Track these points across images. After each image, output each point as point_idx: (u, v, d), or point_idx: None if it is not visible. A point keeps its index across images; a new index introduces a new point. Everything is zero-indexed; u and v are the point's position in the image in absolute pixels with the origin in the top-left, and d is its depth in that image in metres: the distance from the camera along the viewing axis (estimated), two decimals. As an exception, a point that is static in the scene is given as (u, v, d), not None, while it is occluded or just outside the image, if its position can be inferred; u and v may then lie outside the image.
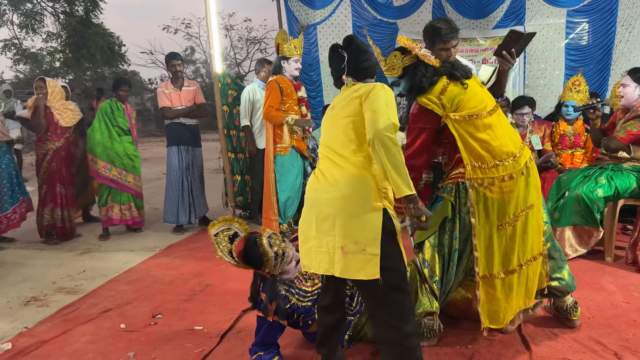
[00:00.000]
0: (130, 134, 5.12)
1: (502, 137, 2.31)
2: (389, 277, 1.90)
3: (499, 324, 2.38)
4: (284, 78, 4.35)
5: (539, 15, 6.33)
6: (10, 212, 4.75)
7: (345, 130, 1.98)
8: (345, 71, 2.07)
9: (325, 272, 1.98)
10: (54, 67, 16.01)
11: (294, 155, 4.39)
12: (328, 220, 1.93)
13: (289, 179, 4.39)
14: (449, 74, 2.31)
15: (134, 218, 5.10)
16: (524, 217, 2.33)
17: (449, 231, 2.38)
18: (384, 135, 1.82)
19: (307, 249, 2.04)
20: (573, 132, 4.65)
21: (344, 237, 1.89)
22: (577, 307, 2.64)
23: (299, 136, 4.41)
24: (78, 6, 12.88)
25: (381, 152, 1.82)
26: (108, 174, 4.93)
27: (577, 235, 3.75)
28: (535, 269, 2.42)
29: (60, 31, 12.83)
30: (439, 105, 2.29)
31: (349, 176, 1.92)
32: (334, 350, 2.22)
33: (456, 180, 2.36)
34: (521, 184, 2.30)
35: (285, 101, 4.30)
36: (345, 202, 1.90)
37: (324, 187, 1.98)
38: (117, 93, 5.07)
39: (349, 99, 2.01)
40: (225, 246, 2.30)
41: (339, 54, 2.08)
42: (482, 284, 2.33)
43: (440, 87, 2.30)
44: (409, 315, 1.97)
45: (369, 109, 1.89)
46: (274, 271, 2.33)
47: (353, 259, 1.87)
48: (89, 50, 12.54)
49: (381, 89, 1.93)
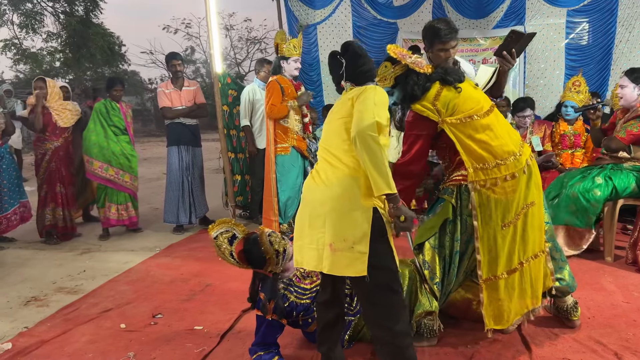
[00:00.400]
0: (127, 134, 5.10)
1: (502, 137, 2.31)
2: (379, 276, 1.91)
3: (503, 325, 2.38)
4: (284, 78, 4.35)
5: (539, 15, 6.33)
6: (10, 213, 4.74)
7: (338, 131, 2.02)
8: (344, 77, 2.11)
9: (314, 269, 2.02)
10: (54, 67, 16.02)
11: (294, 155, 4.39)
12: (319, 218, 1.97)
13: (289, 179, 4.39)
14: (441, 80, 2.31)
15: (131, 218, 5.07)
16: (524, 215, 2.32)
17: (450, 233, 2.39)
18: (365, 134, 1.84)
19: (300, 246, 2.08)
20: (573, 132, 4.65)
21: (333, 234, 1.92)
22: (578, 307, 2.65)
23: (299, 136, 4.42)
24: (78, 6, 12.88)
25: (362, 150, 1.84)
26: (105, 174, 4.91)
27: (568, 236, 3.74)
28: (539, 268, 2.42)
29: (61, 31, 12.84)
30: (434, 111, 2.29)
31: (342, 176, 1.96)
32: (333, 348, 2.22)
33: (458, 183, 2.36)
34: (523, 182, 2.31)
35: (285, 100, 4.31)
36: (336, 201, 1.93)
37: (318, 187, 2.02)
38: (110, 93, 5.04)
39: (343, 102, 2.06)
40: (225, 248, 2.32)
41: (337, 61, 2.12)
42: (485, 287, 2.32)
43: (433, 93, 2.30)
44: (399, 314, 1.98)
45: (357, 110, 1.93)
46: (276, 269, 2.35)
47: (341, 256, 1.90)
48: (89, 50, 12.55)
49: (372, 90, 1.97)
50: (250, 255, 2.31)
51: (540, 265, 2.43)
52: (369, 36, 6.76)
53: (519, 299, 2.38)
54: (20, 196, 4.86)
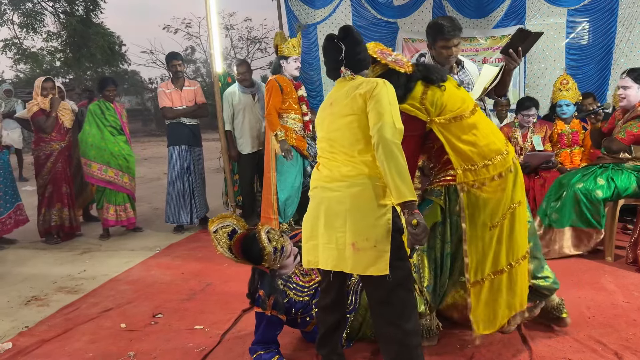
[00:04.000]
0: (124, 133, 5.05)
1: (488, 136, 2.29)
2: (396, 274, 1.91)
3: (492, 329, 2.33)
4: (283, 77, 4.35)
5: (539, 14, 6.32)
6: (5, 217, 4.70)
7: (351, 129, 1.97)
8: (342, 63, 2.04)
9: (333, 268, 1.99)
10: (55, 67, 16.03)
11: (293, 155, 4.39)
12: (339, 217, 1.94)
13: (288, 178, 4.39)
14: (423, 78, 2.23)
15: (129, 219, 5.02)
16: (511, 215, 2.29)
17: (440, 235, 2.36)
18: (390, 142, 1.83)
19: (313, 245, 2.04)
20: (570, 130, 4.67)
21: (355, 233, 1.90)
22: (564, 304, 2.59)
23: (298, 135, 4.41)
24: (78, 6, 12.91)
25: (386, 158, 1.83)
26: (104, 176, 4.85)
27: (577, 237, 3.74)
28: (524, 269, 2.38)
29: (61, 31, 12.86)
30: (423, 110, 2.23)
31: (359, 174, 1.93)
32: (334, 349, 2.22)
33: (447, 183, 2.32)
34: (510, 181, 2.28)
35: (285, 100, 4.31)
36: (356, 200, 1.91)
37: (332, 185, 1.98)
38: (103, 93, 4.97)
39: (351, 97, 1.99)
40: (224, 242, 2.32)
41: (336, 45, 2.04)
42: (472, 290, 2.27)
43: (419, 92, 2.23)
44: (411, 313, 1.98)
45: (374, 109, 1.89)
46: (273, 266, 2.36)
47: (364, 255, 1.89)
48: (89, 49, 12.57)
49: (384, 87, 1.93)
50: (248, 251, 2.31)
51: (526, 267, 2.39)
52: (369, 36, 6.74)
53: (508, 300, 2.33)
54: (16, 199, 4.84)
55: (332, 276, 2.10)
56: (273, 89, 4.28)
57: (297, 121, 4.41)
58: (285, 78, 4.36)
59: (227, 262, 3.91)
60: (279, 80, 4.31)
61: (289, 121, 4.37)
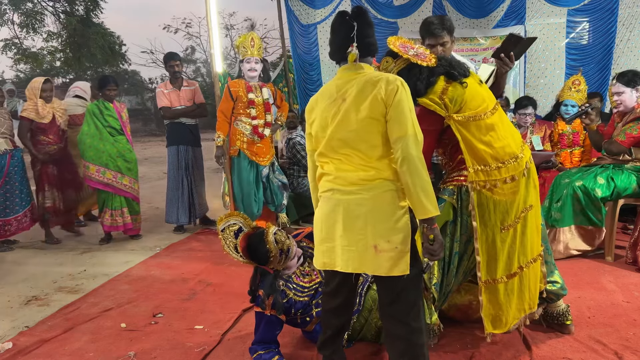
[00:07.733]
0: (124, 134, 4.86)
1: (505, 138, 2.27)
2: (411, 274, 1.92)
3: (502, 329, 2.35)
4: (237, 81, 4.27)
5: (539, 14, 6.32)
6: (21, 215, 4.67)
7: (369, 133, 1.90)
8: (353, 41, 1.93)
9: (354, 271, 1.99)
10: (55, 67, 16.06)
11: (242, 157, 4.32)
12: (359, 219, 1.92)
13: (242, 179, 4.35)
14: (446, 73, 2.21)
15: (125, 225, 4.80)
16: (524, 219, 2.30)
17: (450, 234, 2.36)
18: (416, 158, 1.82)
19: (329, 248, 2.01)
20: (571, 130, 4.66)
21: (377, 236, 1.89)
22: (569, 311, 2.60)
23: (249, 139, 4.29)
24: (78, 5, 12.91)
25: (411, 175, 1.82)
26: (102, 178, 4.66)
27: (582, 235, 3.74)
28: (536, 272, 2.40)
29: (61, 30, 12.86)
30: (442, 106, 2.21)
31: (377, 177, 1.91)
32: (337, 350, 2.23)
33: (459, 183, 2.33)
34: (522, 185, 2.28)
35: (236, 105, 4.23)
36: (376, 202, 1.90)
37: (349, 188, 1.94)
38: (103, 93, 4.76)
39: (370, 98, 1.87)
40: (231, 241, 2.33)
41: (348, 23, 1.93)
42: (484, 289, 2.29)
43: (440, 87, 2.21)
44: (419, 311, 1.99)
45: (396, 120, 1.84)
46: (278, 267, 2.37)
47: (386, 257, 1.89)
48: (89, 49, 12.56)
49: (404, 92, 1.87)
50: (253, 251, 2.32)
51: (537, 269, 2.41)
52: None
53: (518, 303, 2.35)
54: (31, 198, 4.82)
55: (344, 278, 2.09)
56: (224, 95, 4.26)
57: (247, 124, 4.28)
58: (240, 82, 4.25)
59: (227, 262, 3.92)
60: (231, 85, 4.24)
61: (239, 124, 4.28)
